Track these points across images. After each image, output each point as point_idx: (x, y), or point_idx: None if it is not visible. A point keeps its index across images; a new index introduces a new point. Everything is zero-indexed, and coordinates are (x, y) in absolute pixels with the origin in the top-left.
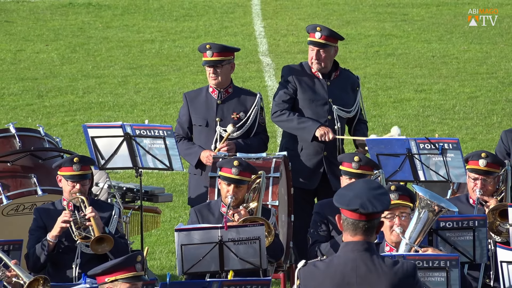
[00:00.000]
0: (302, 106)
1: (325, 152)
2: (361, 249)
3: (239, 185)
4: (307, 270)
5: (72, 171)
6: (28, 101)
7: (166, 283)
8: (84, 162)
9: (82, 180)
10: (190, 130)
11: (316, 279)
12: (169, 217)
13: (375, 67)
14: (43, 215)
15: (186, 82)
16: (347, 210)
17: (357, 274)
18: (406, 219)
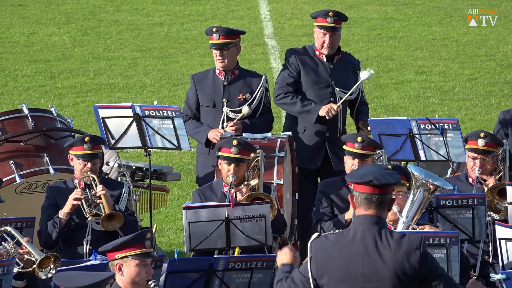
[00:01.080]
0: (305, 88)
1: (327, 133)
2: (370, 222)
3: (239, 164)
4: (319, 242)
5: (83, 150)
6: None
7: (174, 259)
8: (95, 141)
9: (93, 159)
10: (197, 111)
11: (326, 250)
12: (177, 195)
13: (377, 50)
14: (55, 193)
15: (193, 64)
16: (360, 185)
17: (365, 245)
18: (402, 198)
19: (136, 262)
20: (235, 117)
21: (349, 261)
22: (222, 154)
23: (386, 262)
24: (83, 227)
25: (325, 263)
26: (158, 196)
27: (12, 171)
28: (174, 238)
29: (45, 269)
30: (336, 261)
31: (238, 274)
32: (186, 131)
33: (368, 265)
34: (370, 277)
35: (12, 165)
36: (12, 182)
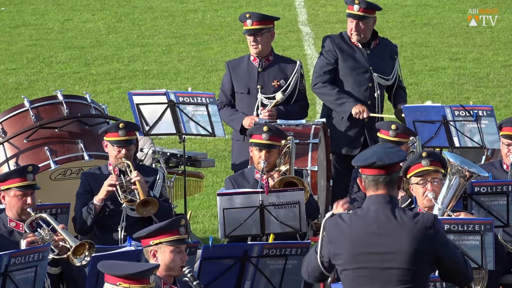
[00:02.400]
0: (343, 74)
1: (366, 119)
2: (382, 202)
3: (270, 150)
4: (333, 220)
5: (117, 137)
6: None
7: (208, 246)
8: (130, 127)
9: (127, 145)
10: (232, 97)
11: (340, 229)
12: (211, 182)
13: (411, 36)
14: (90, 179)
15: (228, 50)
16: (366, 168)
17: (378, 224)
18: (438, 185)
19: (170, 249)
20: (270, 104)
21: (363, 241)
22: (253, 141)
23: (400, 240)
24: (118, 213)
25: (339, 242)
26: (193, 183)
27: (47, 157)
28: (208, 225)
29: (79, 256)
30: (350, 241)
31: (273, 260)
32: (220, 117)
33: (383, 243)
34: (385, 255)
35: (47, 152)
36: (47, 168)
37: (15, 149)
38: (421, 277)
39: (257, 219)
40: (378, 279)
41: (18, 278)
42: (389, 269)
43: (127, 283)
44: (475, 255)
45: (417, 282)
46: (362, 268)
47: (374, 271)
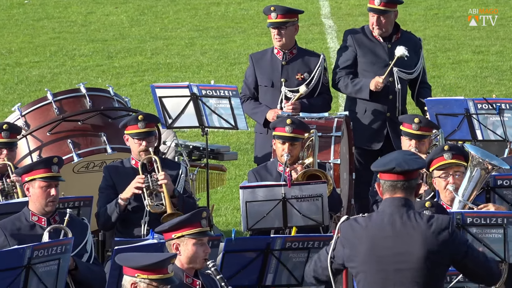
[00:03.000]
0: (364, 69)
1: (388, 113)
2: (398, 204)
3: (294, 143)
4: (348, 224)
5: (137, 129)
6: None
7: (231, 238)
8: (149, 119)
9: (148, 137)
10: (256, 90)
11: (355, 232)
12: (234, 175)
13: (434, 29)
14: (112, 173)
15: (250, 43)
16: (385, 173)
17: (393, 227)
18: (460, 178)
19: (193, 241)
20: (293, 97)
21: (377, 242)
22: (276, 133)
23: (415, 242)
24: (141, 209)
25: (354, 245)
26: (215, 176)
27: (70, 150)
28: (231, 218)
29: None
30: (364, 242)
31: (295, 253)
32: (243, 110)
33: (397, 246)
34: (400, 258)
35: (70, 144)
36: (70, 161)
37: (38, 142)
38: (434, 279)
39: (279, 212)
40: (392, 280)
41: (41, 271)
42: (402, 270)
43: (145, 274)
44: (497, 248)
45: (430, 284)
46: (376, 270)
47: (388, 273)
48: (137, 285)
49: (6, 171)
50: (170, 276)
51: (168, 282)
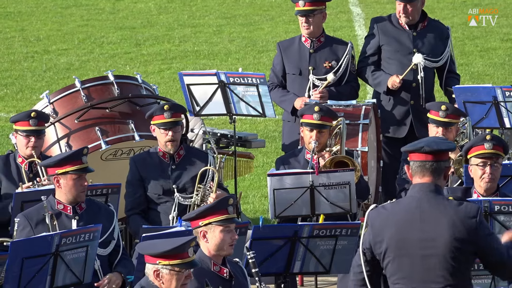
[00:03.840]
0: (388, 57)
1: (411, 101)
2: (427, 190)
3: (321, 130)
4: (376, 211)
5: (163, 119)
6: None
7: (259, 226)
8: (175, 109)
9: (174, 127)
10: (284, 78)
11: (381, 217)
12: (261, 162)
13: (462, 17)
14: (139, 165)
15: (278, 31)
16: (414, 153)
17: (421, 211)
18: (497, 169)
19: (220, 228)
20: (321, 85)
21: (404, 228)
22: (304, 121)
23: (441, 227)
24: (170, 202)
25: (381, 231)
26: (243, 163)
27: (98, 137)
28: (258, 205)
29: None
30: (392, 228)
31: (323, 241)
32: (271, 98)
33: (424, 231)
34: (426, 243)
35: (97, 132)
36: (97, 148)
37: (66, 129)
38: (461, 266)
39: (307, 199)
40: (419, 266)
41: (69, 258)
42: (429, 256)
43: (167, 260)
44: None
45: (458, 271)
46: (404, 255)
47: (415, 259)
48: (159, 272)
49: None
50: (192, 259)
51: (190, 266)
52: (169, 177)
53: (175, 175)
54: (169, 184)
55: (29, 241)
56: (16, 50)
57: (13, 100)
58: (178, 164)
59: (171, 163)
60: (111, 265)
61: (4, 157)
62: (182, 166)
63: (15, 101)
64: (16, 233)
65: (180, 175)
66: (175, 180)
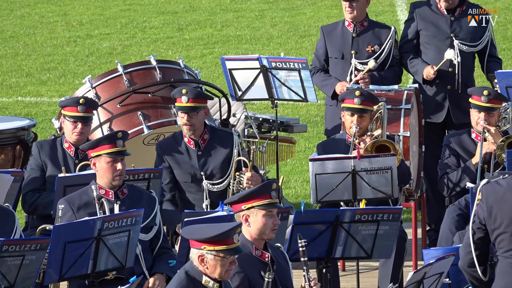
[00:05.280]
0: (425, 42)
1: (448, 86)
2: None
3: (362, 115)
4: (489, 186)
5: (181, 102)
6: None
7: (300, 211)
8: (193, 94)
9: (190, 112)
10: (326, 62)
11: (497, 194)
12: (303, 147)
13: (504, 2)
14: (166, 153)
15: (320, 16)
16: None
17: None
18: None
19: (262, 213)
20: (364, 69)
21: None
22: (345, 105)
23: None
24: (200, 191)
25: (497, 206)
26: (285, 148)
27: (140, 122)
28: (300, 190)
29: None
30: (508, 203)
31: (364, 226)
32: (312, 83)
33: None
34: None
35: (140, 116)
36: (140, 133)
37: (108, 114)
38: None
39: (349, 184)
40: None
41: (111, 243)
42: None
43: (212, 246)
44: None
45: None
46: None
47: None
48: (204, 257)
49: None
50: (237, 245)
51: (235, 252)
52: (196, 164)
53: (201, 161)
54: (197, 171)
55: (72, 225)
56: (59, 35)
57: (56, 85)
58: (204, 150)
59: (197, 149)
60: (152, 251)
61: (51, 141)
62: (207, 152)
63: (58, 86)
64: (58, 217)
65: (206, 162)
66: (202, 167)
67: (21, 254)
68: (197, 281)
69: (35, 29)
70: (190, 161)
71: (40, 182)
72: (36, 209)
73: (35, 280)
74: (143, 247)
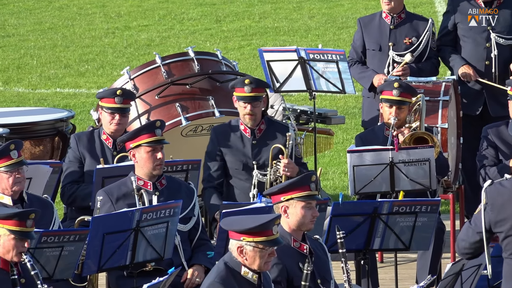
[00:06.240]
0: (463, 35)
1: (485, 79)
2: None
3: (401, 106)
4: (494, 189)
5: (243, 92)
6: (206, 26)
7: (338, 202)
8: (256, 84)
9: (253, 102)
10: (363, 54)
11: (503, 196)
12: (341, 139)
13: None
14: (220, 138)
15: (358, 7)
16: None
17: None
18: None
19: (301, 204)
20: (401, 61)
21: None
22: (383, 97)
23: None
24: (249, 179)
25: (503, 208)
26: (323, 140)
27: (178, 113)
28: (338, 182)
29: None
30: None
31: (402, 217)
32: (350, 74)
33: None
34: None
35: (178, 108)
36: (178, 124)
37: (146, 105)
38: None
39: (387, 176)
40: None
41: (149, 234)
42: None
43: (251, 237)
44: None
45: None
46: None
47: None
48: (243, 248)
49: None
50: (276, 237)
51: (274, 243)
52: (249, 153)
53: (255, 151)
54: (249, 160)
55: (110, 216)
56: (97, 26)
57: (94, 76)
58: (259, 140)
59: (252, 138)
60: (190, 242)
61: (88, 133)
62: (262, 142)
63: (96, 77)
64: (97, 209)
65: (260, 151)
66: (255, 156)
67: (60, 245)
68: (236, 272)
69: (74, 21)
70: (244, 149)
71: (78, 174)
72: (74, 201)
73: (73, 271)
74: (182, 238)
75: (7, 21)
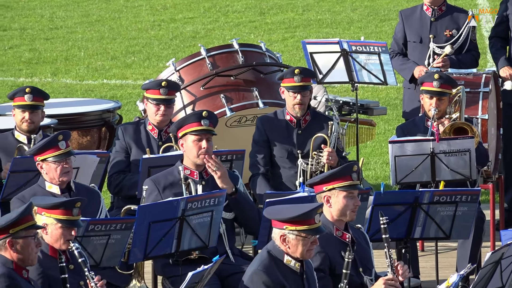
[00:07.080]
0: None
1: None
2: None
3: (441, 97)
4: None
5: (293, 82)
6: (250, 18)
7: (380, 192)
8: (305, 73)
9: (303, 91)
10: (404, 46)
11: None
12: (383, 130)
13: None
14: (266, 126)
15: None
16: None
17: None
18: None
19: (343, 194)
20: (441, 53)
21: None
22: (424, 88)
23: None
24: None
25: None
26: (365, 130)
27: (223, 104)
28: (380, 172)
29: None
30: None
31: (443, 207)
32: (392, 66)
33: None
34: None
35: (222, 99)
36: (222, 115)
37: (191, 96)
38: None
39: (428, 166)
40: None
41: (194, 223)
42: None
43: (293, 226)
44: None
45: None
46: None
47: None
48: (286, 237)
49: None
50: (318, 226)
51: (316, 232)
52: (294, 142)
53: (300, 140)
54: (294, 149)
55: (156, 205)
56: (143, 19)
57: (140, 68)
58: (304, 129)
59: (297, 128)
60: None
61: (134, 124)
62: (307, 132)
63: (142, 69)
64: (143, 198)
65: (304, 141)
66: (299, 146)
67: (106, 233)
68: (279, 260)
69: (120, 13)
70: (289, 138)
71: (125, 164)
72: (121, 191)
73: (120, 259)
74: (226, 226)
75: (55, 13)
